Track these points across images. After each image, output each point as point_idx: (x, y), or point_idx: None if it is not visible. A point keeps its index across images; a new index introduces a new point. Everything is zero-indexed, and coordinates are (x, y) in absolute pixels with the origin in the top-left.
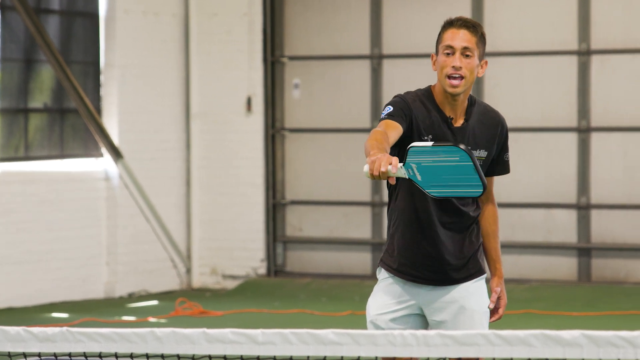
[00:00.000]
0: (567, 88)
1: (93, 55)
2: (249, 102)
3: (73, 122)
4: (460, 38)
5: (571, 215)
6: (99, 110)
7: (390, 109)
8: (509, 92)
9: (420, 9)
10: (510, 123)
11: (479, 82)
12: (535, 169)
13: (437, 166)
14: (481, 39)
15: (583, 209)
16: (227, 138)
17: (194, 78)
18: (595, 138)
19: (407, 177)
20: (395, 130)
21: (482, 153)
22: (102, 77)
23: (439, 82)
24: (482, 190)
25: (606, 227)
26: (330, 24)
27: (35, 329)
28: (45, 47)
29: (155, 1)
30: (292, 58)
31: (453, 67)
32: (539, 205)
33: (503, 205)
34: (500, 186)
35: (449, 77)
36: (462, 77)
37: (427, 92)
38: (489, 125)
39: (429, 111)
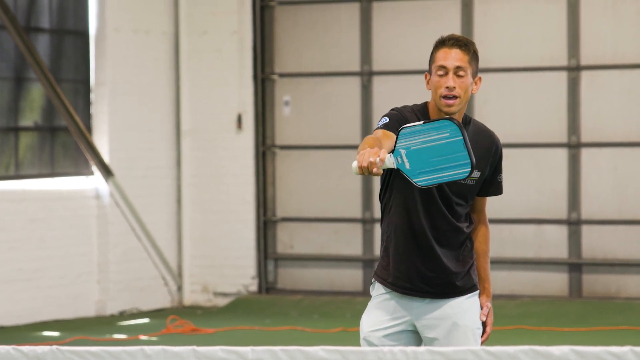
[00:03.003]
0: (557, 104)
1: (83, 74)
2: (239, 119)
3: (64, 141)
4: (452, 57)
5: (562, 231)
6: (89, 128)
7: (386, 120)
8: (498, 108)
9: (410, 25)
10: (500, 139)
11: (469, 99)
12: (526, 184)
13: (426, 147)
14: (474, 56)
15: (574, 224)
16: (218, 155)
17: (185, 96)
18: (586, 154)
19: (395, 166)
20: (389, 140)
21: (476, 173)
22: (92, 95)
23: (433, 101)
24: (470, 168)
25: (597, 242)
26: (320, 41)
27: (26, 348)
28: (36, 65)
29: (145, 19)
30: (282, 75)
31: (447, 87)
32: (529, 221)
33: (493, 221)
34: (491, 202)
35: (444, 97)
36: (456, 97)
37: (423, 108)
38: (484, 145)
39: None
